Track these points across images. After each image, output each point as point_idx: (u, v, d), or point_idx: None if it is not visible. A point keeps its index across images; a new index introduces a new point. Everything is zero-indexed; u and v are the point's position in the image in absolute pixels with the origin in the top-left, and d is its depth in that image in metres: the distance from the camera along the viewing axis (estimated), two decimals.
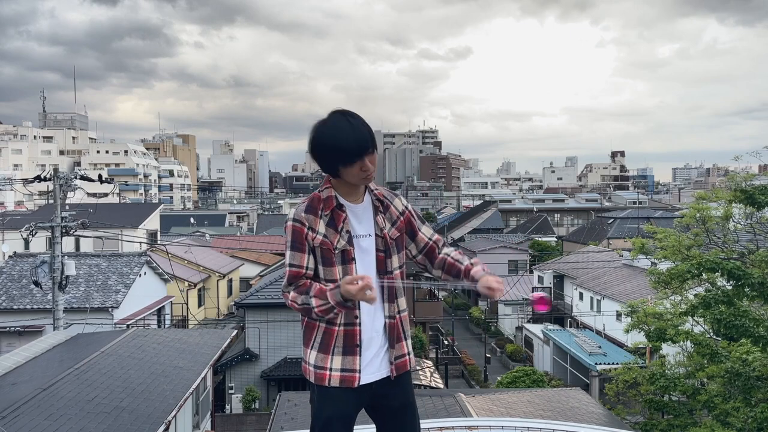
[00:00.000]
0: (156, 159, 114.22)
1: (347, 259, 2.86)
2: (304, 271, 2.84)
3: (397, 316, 2.96)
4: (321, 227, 2.84)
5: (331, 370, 2.86)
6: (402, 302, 3.00)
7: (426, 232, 3.11)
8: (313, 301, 2.76)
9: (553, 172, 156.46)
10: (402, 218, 3.03)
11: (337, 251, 2.84)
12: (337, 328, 2.86)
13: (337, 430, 2.92)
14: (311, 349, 2.92)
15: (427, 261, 3.13)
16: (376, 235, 2.92)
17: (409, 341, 3.06)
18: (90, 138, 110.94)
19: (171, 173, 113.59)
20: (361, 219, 2.92)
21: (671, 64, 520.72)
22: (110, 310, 21.81)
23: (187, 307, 26.71)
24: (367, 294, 2.67)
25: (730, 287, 11.89)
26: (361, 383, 2.88)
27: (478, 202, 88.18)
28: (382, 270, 2.92)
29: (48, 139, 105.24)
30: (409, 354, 3.02)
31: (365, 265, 2.89)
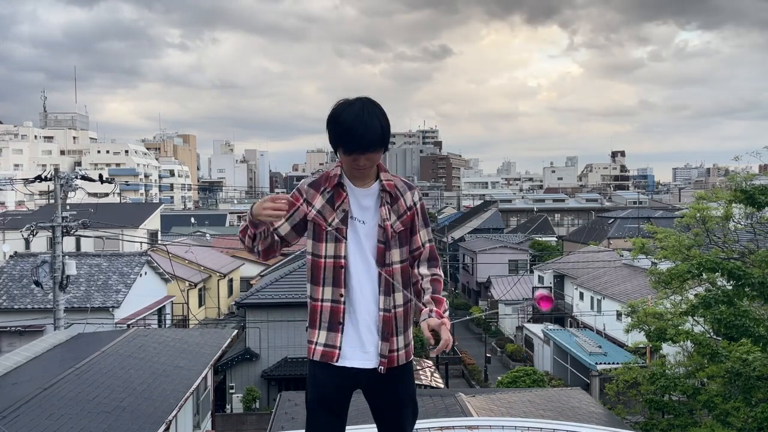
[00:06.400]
0: (156, 159, 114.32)
1: (339, 237, 2.87)
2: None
3: (393, 310, 2.89)
4: (318, 203, 2.89)
5: (316, 344, 2.92)
6: (399, 297, 2.91)
7: (423, 236, 3.01)
8: (241, 225, 2.98)
9: (554, 172, 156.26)
10: (409, 213, 2.97)
11: (330, 228, 2.87)
12: (320, 303, 2.91)
13: (321, 411, 2.95)
14: (309, 326, 3.01)
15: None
16: (378, 225, 2.89)
17: (404, 336, 2.96)
18: (90, 138, 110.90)
19: (171, 173, 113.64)
20: (362, 204, 2.91)
21: (666, 64, 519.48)
22: (111, 309, 21.84)
23: (188, 307, 26.74)
24: (270, 213, 2.74)
25: (730, 287, 11.91)
26: (342, 362, 2.88)
27: (478, 202, 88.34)
28: (381, 261, 2.88)
29: (49, 139, 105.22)
30: (399, 350, 2.93)
31: (361, 250, 2.88)
